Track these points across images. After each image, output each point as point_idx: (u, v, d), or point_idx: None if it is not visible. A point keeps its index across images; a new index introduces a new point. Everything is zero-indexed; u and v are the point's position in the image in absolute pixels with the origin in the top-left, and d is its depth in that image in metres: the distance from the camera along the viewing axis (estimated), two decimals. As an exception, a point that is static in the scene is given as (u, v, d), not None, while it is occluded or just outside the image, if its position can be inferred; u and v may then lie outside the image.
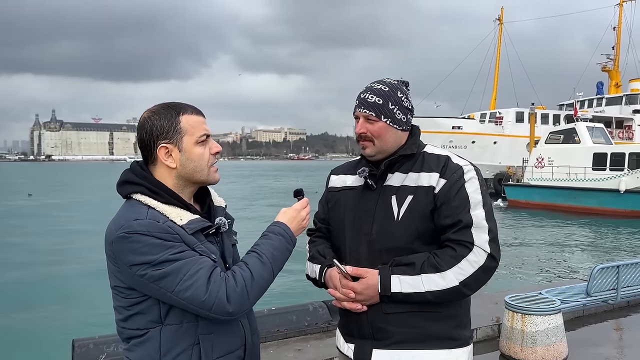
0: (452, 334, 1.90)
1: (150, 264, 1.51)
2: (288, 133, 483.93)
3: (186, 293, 1.51)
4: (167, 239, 1.54)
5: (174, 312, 1.59)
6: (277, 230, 1.76)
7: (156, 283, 1.52)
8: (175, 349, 1.59)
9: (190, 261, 1.54)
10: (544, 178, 27.43)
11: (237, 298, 1.55)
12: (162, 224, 1.56)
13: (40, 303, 10.40)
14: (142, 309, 1.59)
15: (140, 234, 1.52)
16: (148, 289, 1.55)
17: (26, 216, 26.15)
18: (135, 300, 1.59)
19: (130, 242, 1.52)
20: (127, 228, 1.53)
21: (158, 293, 1.54)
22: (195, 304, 1.52)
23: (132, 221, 1.54)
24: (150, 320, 1.59)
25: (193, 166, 1.68)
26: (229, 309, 1.54)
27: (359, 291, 1.86)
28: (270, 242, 1.72)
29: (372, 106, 1.92)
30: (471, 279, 1.80)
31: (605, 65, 48.09)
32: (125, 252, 1.53)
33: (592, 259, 14.84)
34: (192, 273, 1.52)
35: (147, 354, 1.60)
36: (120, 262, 1.55)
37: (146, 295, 1.58)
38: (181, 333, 1.60)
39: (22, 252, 16.12)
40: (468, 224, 1.82)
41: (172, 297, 1.53)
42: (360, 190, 2.00)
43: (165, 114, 1.66)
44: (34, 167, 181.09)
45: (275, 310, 5.06)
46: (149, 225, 1.54)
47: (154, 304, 1.58)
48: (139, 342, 1.61)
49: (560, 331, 4.72)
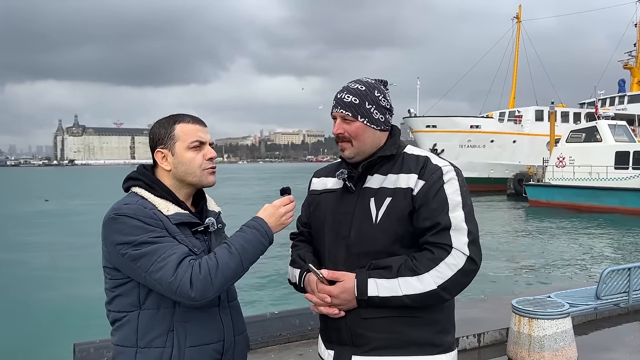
0: (434, 339, 1.84)
1: (131, 243, 1.65)
2: (306, 135, 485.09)
3: (158, 274, 1.63)
4: (150, 224, 1.68)
5: (152, 297, 1.71)
6: (252, 224, 1.82)
7: (134, 262, 1.65)
8: (151, 333, 1.71)
9: (167, 245, 1.67)
10: (565, 178, 27.01)
11: (200, 284, 1.64)
12: (149, 210, 1.72)
13: (41, 306, 10.49)
14: (123, 291, 1.73)
15: (127, 216, 1.68)
16: (128, 268, 1.68)
17: (39, 220, 26.51)
18: (119, 281, 1.73)
19: (118, 223, 1.68)
20: (117, 210, 1.71)
21: (135, 273, 1.67)
22: (164, 286, 1.63)
23: (122, 205, 1.73)
24: (130, 303, 1.73)
25: (184, 169, 1.83)
26: (191, 293, 1.63)
27: (335, 295, 1.82)
28: (243, 234, 1.79)
29: (348, 106, 1.88)
30: (450, 283, 1.74)
31: (627, 63, 47.10)
32: (112, 232, 1.69)
33: (607, 261, 14.51)
34: (166, 256, 1.64)
35: (125, 337, 1.73)
36: (108, 242, 1.71)
37: (128, 278, 1.71)
38: (158, 318, 1.71)
39: (27, 255, 16.30)
40: (446, 226, 1.76)
41: (146, 278, 1.65)
42: (340, 193, 1.96)
43: (164, 123, 1.86)
44: (57, 171, 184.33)
45: (278, 314, 5.03)
46: (136, 209, 1.70)
47: (134, 286, 1.72)
48: (119, 325, 1.75)
49: (569, 335, 4.59)
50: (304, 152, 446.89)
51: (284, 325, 4.88)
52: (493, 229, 20.01)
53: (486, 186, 36.89)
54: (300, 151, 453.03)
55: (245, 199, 36.11)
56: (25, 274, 13.50)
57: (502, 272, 12.81)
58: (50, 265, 14.80)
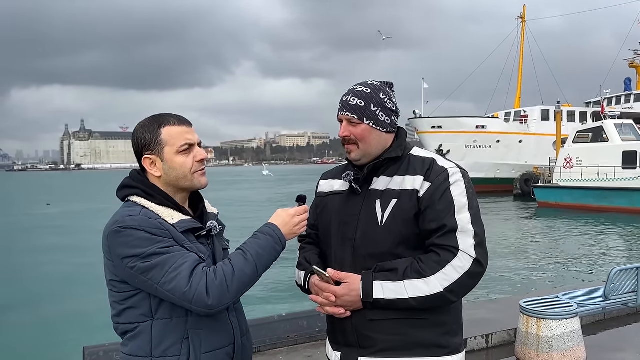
0: (440, 341, 1.84)
1: (140, 256, 1.60)
2: (311, 137, 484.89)
3: (170, 284, 1.59)
4: (157, 234, 1.63)
5: (164, 307, 1.67)
6: (266, 231, 1.79)
7: (144, 275, 1.60)
8: (165, 342, 1.67)
9: (177, 255, 1.62)
10: (573, 179, 26.89)
11: (216, 291, 1.61)
12: (154, 220, 1.67)
13: (51, 310, 10.53)
14: (134, 303, 1.68)
15: (132, 228, 1.63)
16: (138, 281, 1.63)
17: (42, 224, 26.61)
18: (128, 294, 1.68)
19: (123, 236, 1.63)
20: (121, 223, 1.65)
21: (146, 285, 1.63)
22: (178, 296, 1.60)
23: (126, 217, 1.66)
24: (142, 314, 1.68)
25: (176, 174, 1.78)
26: (208, 301, 1.60)
27: (340, 295, 1.82)
28: (257, 241, 1.76)
29: (354, 109, 1.89)
30: (456, 285, 1.74)
31: (632, 61, 46.86)
32: (117, 245, 1.63)
33: (615, 261, 14.42)
34: (177, 266, 1.60)
35: (139, 347, 1.68)
36: (114, 256, 1.65)
37: (138, 289, 1.66)
38: (171, 327, 1.68)
39: (33, 259, 16.34)
40: (453, 228, 1.76)
41: (158, 289, 1.61)
42: (346, 195, 1.97)
43: (149, 127, 1.77)
44: (63, 176, 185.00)
45: (286, 316, 5.04)
46: (141, 221, 1.65)
47: (145, 297, 1.67)
48: (132, 337, 1.70)
49: (578, 336, 4.58)
50: (309, 154, 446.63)
51: (292, 328, 4.88)
52: (501, 230, 19.95)
53: (493, 187, 36.78)
54: (306, 153, 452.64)
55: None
56: (35, 278, 13.55)
57: (510, 272, 12.77)
58: (60, 269, 14.83)
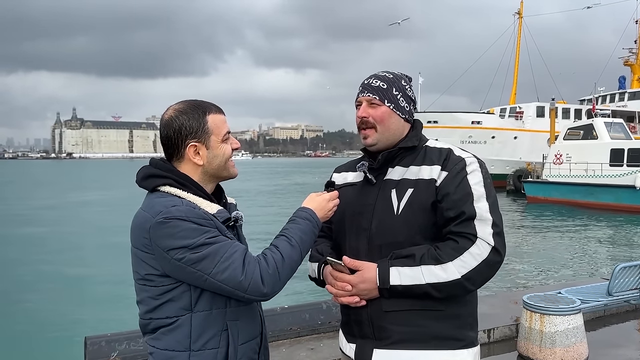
0: (456, 334, 1.82)
1: (189, 247, 1.57)
2: (305, 130, 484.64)
3: (223, 274, 1.57)
4: (204, 224, 1.60)
5: (204, 299, 1.65)
6: (304, 215, 1.80)
7: (194, 266, 1.57)
8: (205, 334, 1.65)
9: (226, 244, 1.61)
10: (562, 175, 27.22)
11: (270, 279, 1.61)
12: (198, 210, 1.64)
13: (52, 300, 10.50)
14: (173, 296, 1.64)
15: (178, 219, 1.58)
16: (184, 273, 1.59)
17: (41, 213, 26.49)
18: (167, 287, 1.64)
19: (169, 227, 1.58)
20: (166, 214, 1.59)
21: (194, 276, 1.59)
22: (232, 285, 1.58)
23: (171, 207, 1.61)
24: (181, 307, 1.65)
25: (218, 162, 1.77)
26: (264, 289, 1.60)
27: (355, 283, 1.81)
28: (298, 226, 1.76)
29: (376, 90, 1.90)
30: (474, 273, 1.72)
31: (627, 59, 47.03)
32: (163, 237, 1.58)
33: (611, 257, 14.54)
34: (228, 255, 1.58)
35: (176, 341, 1.64)
36: (157, 248, 1.60)
37: (178, 282, 1.63)
38: (211, 319, 1.66)
39: (35, 249, 16.28)
40: (471, 215, 1.75)
41: (208, 280, 1.58)
42: (361, 186, 1.97)
43: (193, 114, 1.73)
44: (55, 164, 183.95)
45: (288, 308, 5.01)
46: (187, 211, 1.61)
47: (186, 290, 1.64)
48: (167, 330, 1.66)
49: (581, 332, 4.59)
50: (302, 147, 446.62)
51: (294, 320, 4.86)
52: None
53: (486, 182, 36.82)
54: (299, 146, 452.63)
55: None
56: (36, 268, 13.50)
57: (508, 267, 12.83)
58: (61, 258, 14.81)
